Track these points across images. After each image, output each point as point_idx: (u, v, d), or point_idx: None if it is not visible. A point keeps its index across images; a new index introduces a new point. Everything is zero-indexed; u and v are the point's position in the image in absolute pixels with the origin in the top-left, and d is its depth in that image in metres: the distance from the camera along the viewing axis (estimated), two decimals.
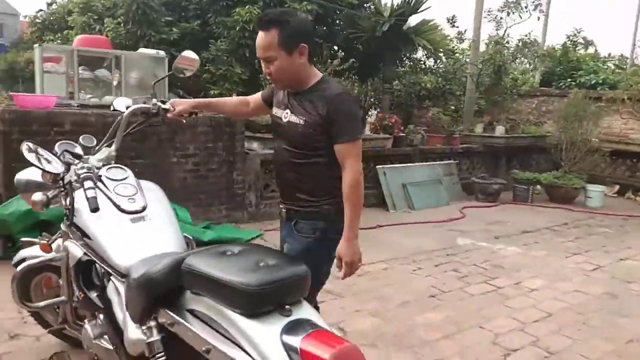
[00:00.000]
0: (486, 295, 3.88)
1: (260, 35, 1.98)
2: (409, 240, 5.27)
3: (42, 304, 2.25)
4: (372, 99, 8.41)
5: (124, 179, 2.07)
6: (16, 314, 3.05)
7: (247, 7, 6.66)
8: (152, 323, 1.53)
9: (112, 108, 2.53)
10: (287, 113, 2.10)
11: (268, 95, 2.31)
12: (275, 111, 2.20)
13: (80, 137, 2.36)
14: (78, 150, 2.14)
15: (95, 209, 1.75)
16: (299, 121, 2.04)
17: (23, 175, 2.31)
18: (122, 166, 2.14)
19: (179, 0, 7.49)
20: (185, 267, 1.46)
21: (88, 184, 1.84)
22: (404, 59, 9.02)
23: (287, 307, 1.34)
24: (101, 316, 1.87)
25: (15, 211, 3.89)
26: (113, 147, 2.31)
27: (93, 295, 1.95)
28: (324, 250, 2.08)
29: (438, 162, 7.54)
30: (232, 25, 6.74)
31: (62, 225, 2.22)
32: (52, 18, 9.07)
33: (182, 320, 1.45)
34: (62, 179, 1.95)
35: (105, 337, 1.86)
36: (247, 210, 5.52)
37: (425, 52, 8.61)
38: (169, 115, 2.37)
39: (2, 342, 2.85)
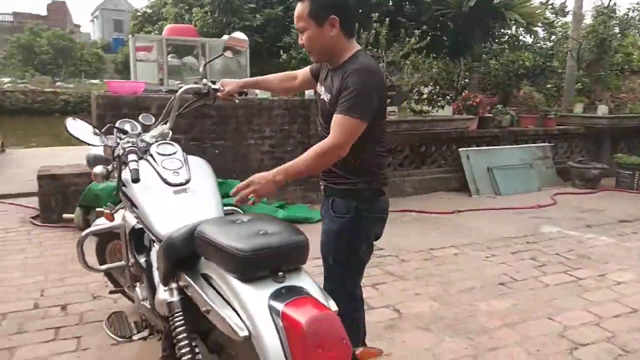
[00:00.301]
0: (563, 286, 3.60)
1: (297, 6, 1.99)
2: (488, 227, 5.03)
3: (103, 267, 2.48)
4: (465, 80, 8.03)
5: (172, 154, 2.21)
6: (101, 278, 3.37)
7: None
8: (174, 285, 1.64)
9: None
10: (322, 90, 2.10)
11: (316, 70, 2.29)
12: (318, 87, 2.20)
13: (140, 116, 2.53)
14: (128, 127, 2.30)
15: (135, 180, 1.89)
16: (326, 98, 2.04)
17: (92, 151, 2.55)
18: (172, 142, 2.29)
19: None
20: (197, 234, 1.54)
21: (132, 156, 1.98)
22: (497, 35, 8.51)
23: (280, 273, 1.37)
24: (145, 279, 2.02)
25: (107, 187, 4.28)
26: (167, 125, 2.46)
27: (141, 260, 2.11)
28: (359, 229, 2.06)
29: (530, 145, 7.07)
30: None
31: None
32: (150, 11, 9.78)
33: (193, 283, 1.53)
34: (114, 152, 2.12)
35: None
36: (316, 192, 5.59)
37: (518, 27, 8.04)
38: (219, 94, 2.47)
39: (85, 301, 3.19)
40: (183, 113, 2.58)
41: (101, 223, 2.56)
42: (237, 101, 2.63)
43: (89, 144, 2.04)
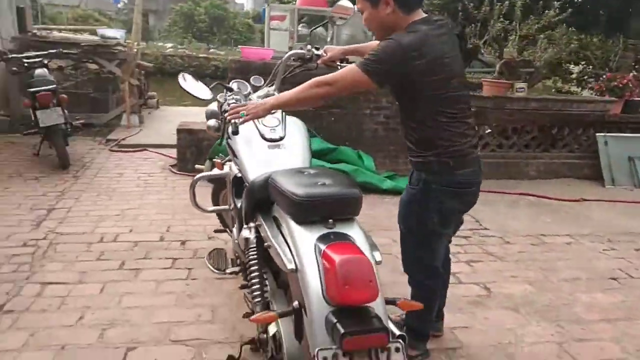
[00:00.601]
0: None
1: None
2: (615, 219, 4.59)
3: (210, 208, 2.81)
4: (580, 54, 7.21)
5: (273, 113, 2.42)
6: (217, 221, 3.78)
7: None
8: (252, 224, 1.85)
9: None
10: None
11: None
12: None
13: (251, 78, 2.78)
14: (235, 86, 2.54)
15: (234, 132, 2.13)
16: None
17: (210, 107, 2.87)
18: None
19: None
20: (270, 180, 1.72)
21: None
22: None
23: (330, 220, 1.48)
24: None
25: None
26: (273, 86, 2.67)
27: (239, 204, 2.37)
28: (427, 201, 2.07)
29: None
30: None
31: None
32: None
33: (264, 223, 1.72)
34: (222, 108, 2.39)
35: None
36: None
37: None
38: (319, 61, 2.62)
39: (201, 240, 3.63)
40: (289, 77, 2.75)
41: (211, 172, 2.89)
42: (339, 67, 2.75)
43: (195, 97, 2.32)
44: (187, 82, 2.33)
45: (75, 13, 27.14)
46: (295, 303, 1.42)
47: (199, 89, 2.35)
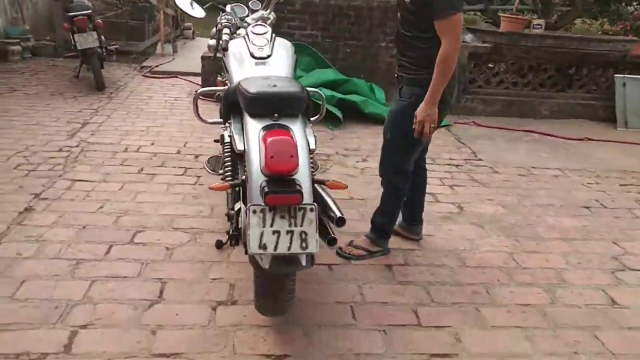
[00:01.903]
0: None
1: None
2: (612, 158, 4.72)
3: (210, 120, 3.19)
4: None
5: (263, 34, 2.71)
6: None
7: None
8: (227, 124, 2.21)
9: None
10: None
11: None
12: None
13: (250, 2, 3.06)
14: (228, 8, 2.83)
15: (224, 49, 2.45)
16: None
17: (215, 29, 3.18)
18: (265, 25, 2.77)
19: None
20: (238, 85, 2.05)
21: (225, 30, 2.54)
22: None
23: (275, 115, 1.83)
24: None
25: None
26: (268, 10, 2.94)
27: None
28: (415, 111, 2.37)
29: None
30: None
31: None
32: None
33: (232, 120, 2.08)
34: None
35: None
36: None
37: None
38: None
39: (212, 154, 4.05)
40: (281, 3, 3.01)
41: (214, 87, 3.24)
42: None
43: (190, 15, 2.64)
44: (183, 2, 2.64)
45: None
46: (243, 176, 1.81)
47: (194, 9, 2.66)
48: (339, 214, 1.89)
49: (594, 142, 5.17)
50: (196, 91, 2.94)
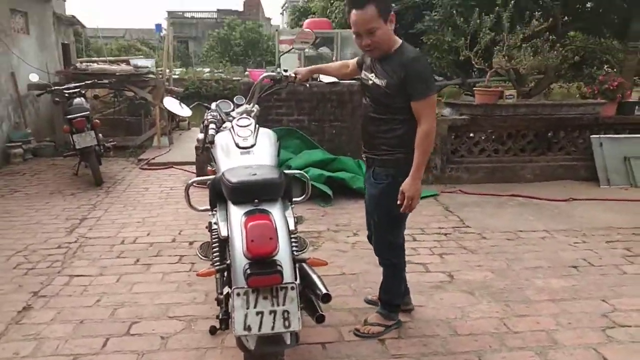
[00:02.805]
0: None
1: (358, 13, 2.40)
2: (598, 216, 4.83)
3: (201, 207, 3.33)
4: (603, 58, 7.45)
5: (247, 125, 2.92)
6: None
7: None
8: (215, 210, 2.35)
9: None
10: (372, 76, 2.57)
11: (360, 61, 2.84)
12: (363, 74, 2.70)
13: (235, 97, 3.31)
14: (213, 105, 3.07)
15: (210, 142, 2.65)
16: (381, 83, 2.50)
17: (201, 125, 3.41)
18: (249, 117, 2.99)
19: None
20: (221, 175, 2.21)
21: (211, 126, 2.75)
22: None
23: (256, 200, 1.97)
24: None
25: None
26: (251, 104, 3.18)
27: None
28: (396, 192, 2.50)
29: None
30: None
31: None
32: (305, 6, 10.86)
33: (218, 208, 2.22)
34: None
35: None
36: (432, 172, 5.89)
37: None
38: (295, 81, 3.11)
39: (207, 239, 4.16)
40: (263, 95, 3.26)
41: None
42: (307, 85, 3.26)
43: (177, 115, 2.87)
44: (170, 103, 2.88)
45: (118, 44, 28.93)
46: (228, 261, 1.92)
47: (180, 108, 2.89)
48: (324, 291, 1.98)
49: (578, 202, 5.31)
50: (188, 181, 3.13)
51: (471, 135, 5.99)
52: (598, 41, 8.20)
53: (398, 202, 2.48)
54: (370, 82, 2.58)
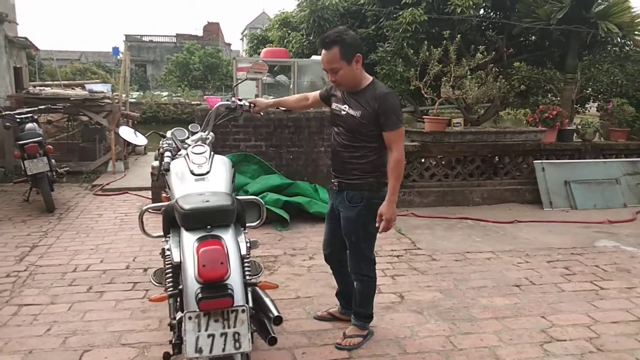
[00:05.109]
0: (579, 293, 3.72)
1: (325, 53, 2.67)
2: (540, 237, 5.11)
3: (155, 234, 3.35)
4: (546, 87, 8.01)
5: (202, 152, 2.99)
6: None
7: (409, 9, 7.16)
8: (169, 237, 2.40)
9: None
10: (345, 107, 2.79)
11: (325, 94, 3.03)
12: (335, 106, 2.89)
13: (190, 125, 3.38)
14: (169, 133, 3.14)
15: (166, 170, 2.71)
16: (356, 114, 2.71)
17: (156, 153, 3.46)
18: (204, 145, 3.07)
19: (359, 7, 8.40)
20: (175, 202, 2.28)
21: (167, 154, 2.81)
22: (598, 43, 8.22)
23: (208, 227, 2.05)
24: None
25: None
26: (206, 131, 3.26)
27: None
28: (371, 213, 2.72)
29: (621, 160, 6.77)
30: (397, 27, 7.32)
31: None
32: (263, 34, 11.09)
33: (171, 235, 2.28)
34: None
35: None
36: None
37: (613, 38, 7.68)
38: (252, 111, 3.24)
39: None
40: (217, 123, 3.35)
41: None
42: (262, 114, 3.39)
43: (132, 144, 2.92)
44: (125, 132, 2.93)
45: (73, 67, 28.38)
46: (181, 286, 1.98)
47: (136, 137, 2.94)
48: (276, 313, 2.06)
49: (522, 224, 5.60)
50: (143, 207, 3.16)
51: (422, 160, 6.25)
52: (541, 71, 8.73)
53: (376, 224, 2.69)
54: (344, 112, 2.79)
